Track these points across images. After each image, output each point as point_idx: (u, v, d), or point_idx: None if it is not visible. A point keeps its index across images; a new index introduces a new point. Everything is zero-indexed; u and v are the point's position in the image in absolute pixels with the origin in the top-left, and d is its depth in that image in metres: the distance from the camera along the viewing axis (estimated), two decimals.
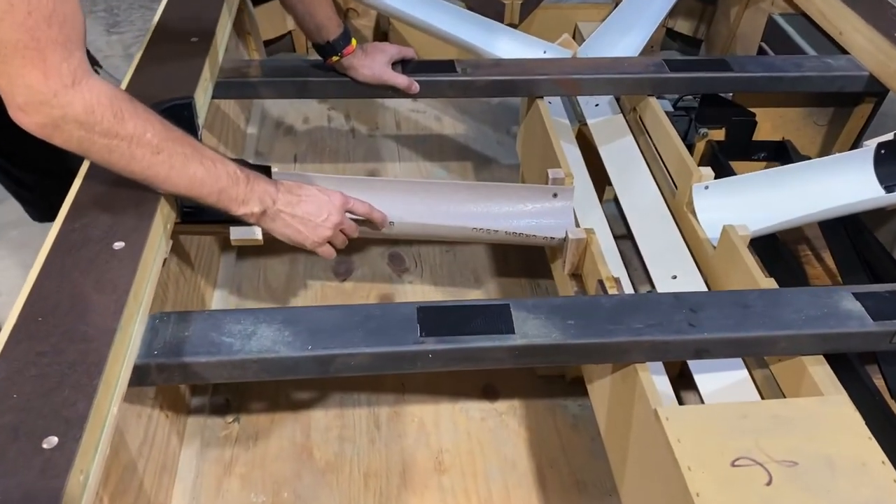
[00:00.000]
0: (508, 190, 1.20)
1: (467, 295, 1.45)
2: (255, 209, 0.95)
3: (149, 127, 0.82)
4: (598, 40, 1.60)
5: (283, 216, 0.99)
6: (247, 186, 0.93)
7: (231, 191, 0.91)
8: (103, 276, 0.83)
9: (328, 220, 1.02)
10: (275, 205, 0.97)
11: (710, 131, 1.53)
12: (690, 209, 1.25)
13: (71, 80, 0.75)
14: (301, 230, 1.00)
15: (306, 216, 1.00)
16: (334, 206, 1.03)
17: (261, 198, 0.95)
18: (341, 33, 1.27)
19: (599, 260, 1.06)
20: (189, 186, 0.88)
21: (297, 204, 0.99)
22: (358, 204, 1.07)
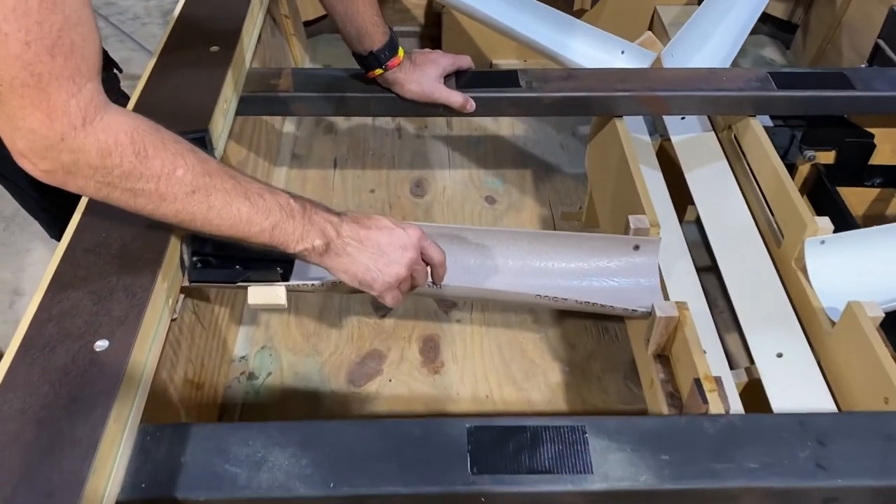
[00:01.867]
0: (578, 242, 1.00)
1: (523, 340, 1.26)
2: (318, 243, 0.79)
3: (179, 162, 0.69)
4: (685, 39, 1.36)
5: (350, 250, 0.81)
6: (303, 218, 0.78)
7: (285, 226, 0.76)
8: (80, 391, 0.67)
9: (403, 257, 0.83)
10: (340, 236, 0.80)
11: (817, 153, 1.29)
12: (800, 267, 1.03)
13: (81, 120, 0.61)
14: (371, 267, 0.82)
15: (379, 249, 0.82)
16: (411, 241, 0.84)
17: (322, 229, 0.79)
18: (386, 42, 1.07)
19: (696, 349, 0.86)
20: (234, 226, 0.73)
21: (367, 235, 0.81)
22: (433, 248, 0.87)
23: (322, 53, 1.94)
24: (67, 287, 0.76)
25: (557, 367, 1.23)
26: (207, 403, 1.09)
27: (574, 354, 1.25)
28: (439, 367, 1.23)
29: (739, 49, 1.39)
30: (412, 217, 1.49)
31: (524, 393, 1.19)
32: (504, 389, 1.19)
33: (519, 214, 1.51)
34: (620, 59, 1.39)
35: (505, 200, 1.54)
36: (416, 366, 1.23)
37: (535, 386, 1.20)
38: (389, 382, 1.20)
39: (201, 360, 1.08)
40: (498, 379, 1.21)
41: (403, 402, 1.18)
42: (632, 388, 1.20)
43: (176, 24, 1.16)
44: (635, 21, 1.80)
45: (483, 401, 1.18)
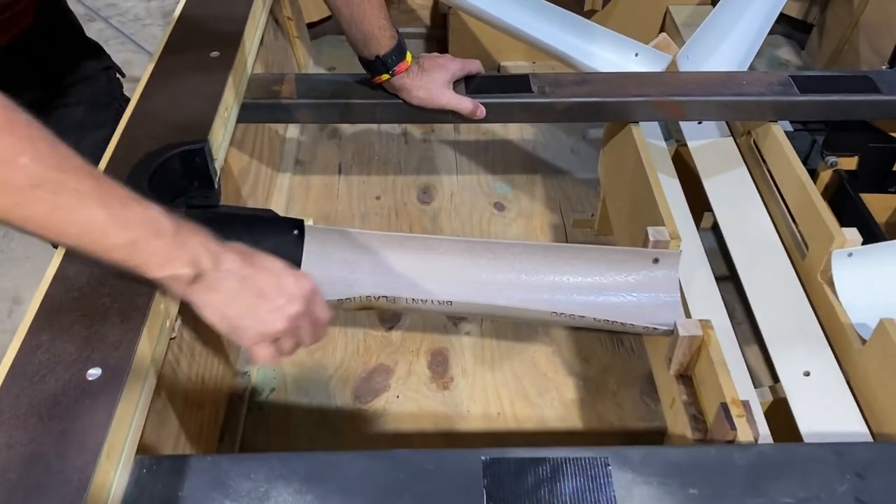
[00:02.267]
0: (595, 255, 0.95)
1: (535, 354, 1.22)
2: (185, 271, 0.64)
3: (25, 148, 0.57)
4: (701, 41, 1.31)
5: (226, 286, 0.67)
6: (173, 239, 0.64)
7: (147, 244, 0.63)
8: (71, 424, 0.63)
9: (288, 308, 0.69)
10: (217, 268, 0.66)
11: (839, 159, 1.25)
12: (827, 280, 0.99)
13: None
14: (246, 313, 0.68)
15: (261, 293, 0.68)
16: (301, 291, 0.71)
17: (195, 257, 0.65)
18: (394, 46, 1.03)
19: (721, 371, 0.81)
20: (82, 235, 0.61)
21: (251, 274, 0.68)
22: (321, 306, 0.75)
23: (326, 56, 1.89)
24: (58, 310, 0.71)
25: (571, 381, 1.19)
26: (208, 423, 1.05)
27: (588, 368, 1.20)
28: (448, 382, 1.19)
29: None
30: (419, 225, 1.45)
31: (537, 409, 1.15)
32: (516, 406, 1.15)
33: (529, 221, 1.46)
34: (634, 61, 1.34)
35: (514, 207, 1.50)
36: (425, 381, 1.19)
37: (549, 402, 1.16)
38: (397, 399, 1.16)
39: (202, 378, 1.04)
40: (510, 395, 1.17)
41: (412, 419, 1.13)
42: (649, 403, 1.16)
43: (175, 27, 1.12)
44: (647, 21, 1.75)
45: (495, 418, 1.14)
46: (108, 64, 1.08)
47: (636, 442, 1.11)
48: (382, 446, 1.10)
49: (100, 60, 1.07)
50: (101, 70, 1.06)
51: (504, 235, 1.43)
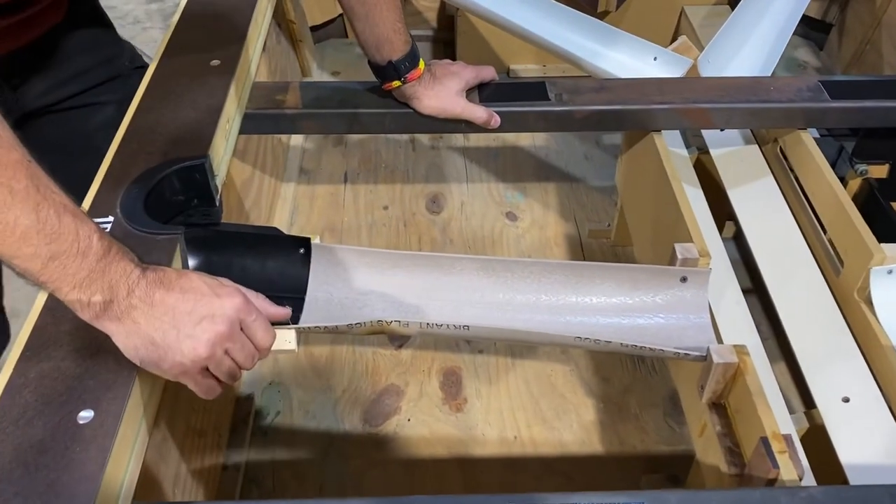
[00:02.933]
0: (619, 273, 0.89)
1: (552, 373, 1.17)
2: (96, 298, 0.59)
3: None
4: (723, 44, 1.25)
5: (136, 315, 0.60)
6: (98, 262, 0.58)
7: (68, 262, 0.57)
8: (59, 475, 0.57)
9: (206, 331, 0.62)
10: (128, 296, 0.60)
11: (869, 167, 1.19)
12: (864, 298, 0.93)
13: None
14: (158, 341, 0.61)
15: (173, 319, 0.61)
16: (223, 311, 0.63)
17: (112, 284, 0.59)
18: (408, 52, 0.97)
19: (760, 402, 0.76)
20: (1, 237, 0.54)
21: (162, 298, 0.61)
22: (260, 323, 0.67)
23: (330, 59, 1.84)
24: (48, 344, 0.66)
25: (591, 403, 1.13)
26: (211, 451, 1.00)
27: (608, 389, 1.15)
28: (462, 403, 1.13)
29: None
30: (428, 236, 1.40)
31: (555, 433, 1.09)
32: (533, 429, 1.10)
33: (542, 232, 1.41)
34: (653, 66, 1.28)
35: (527, 216, 1.44)
36: (437, 402, 1.13)
37: (567, 425, 1.10)
38: (408, 422, 1.11)
39: (203, 404, 0.99)
40: (526, 417, 1.11)
41: (424, 444, 1.08)
42: (673, 426, 1.10)
43: (173, 34, 1.07)
44: (662, 23, 1.70)
45: (511, 442, 1.08)
46: (141, 63, 1.04)
47: (660, 467, 1.05)
48: (394, 473, 1.05)
49: (133, 59, 1.03)
50: (133, 69, 1.01)
51: (517, 246, 1.38)
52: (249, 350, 0.67)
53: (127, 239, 0.77)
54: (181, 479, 0.90)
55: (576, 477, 1.04)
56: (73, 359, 0.65)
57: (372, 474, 1.05)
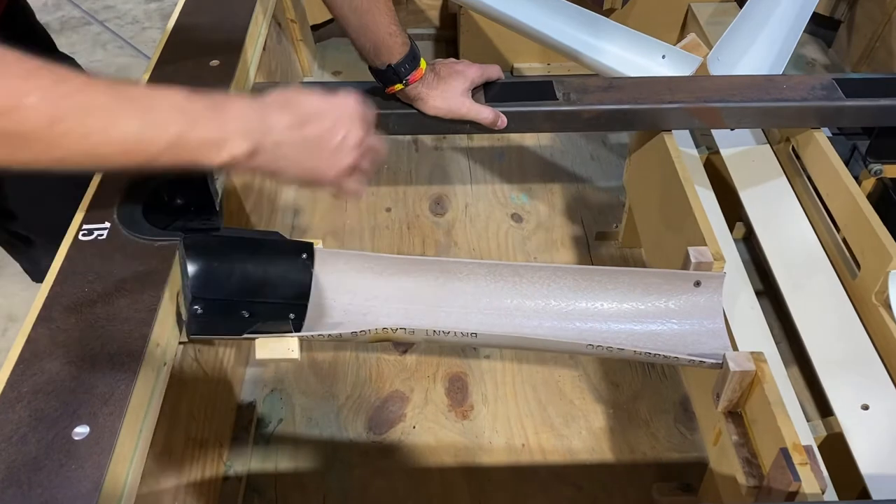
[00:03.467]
0: (631, 278, 0.87)
1: (560, 379, 1.14)
2: (242, 149, 0.61)
3: (28, 87, 0.52)
4: (733, 42, 1.23)
5: (285, 148, 0.65)
6: (215, 115, 0.60)
7: (191, 136, 0.59)
8: (54, 494, 0.55)
9: (348, 139, 0.68)
10: (270, 133, 0.63)
11: (884, 167, 1.16)
12: (883, 302, 0.91)
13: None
14: (315, 164, 0.67)
15: (318, 139, 0.66)
16: (351, 114, 0.69)
17: (246, 127, 0.62)
18: (407, 54, 0.95)
19: (779, 412, 0.73)
20: (126, 152, 0.57)
21: (301, 124, 0.65)
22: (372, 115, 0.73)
23: (331, 59, 1.81)
24: (42, 356, 0.64)
25: (600, 409, 1.11)
26: (212, 461, 0.97)
27: (618, 395, 1.13)
28: (468, 410, 1.11)
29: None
30: (432, 239, 1.37)
31: (564, 440, 1.07)
32: (541, 436, 1.08)
33: (549, 234, 1.39)
34: (661, 64, 1.26)
35: (533, 218, 1.42)
36: (443, 409, 1.11)
37: (576, 432, 1.08)
38: (413, 429, 1.08)
39: (204, 412, 0.96)
40: (534, 424, 1.09)
41: (430, 452, 1.06)
42: (684, 433, 1.08)
43: (172, 34, 1.04)
44: (668, 20, 1.68)
45: (519, 450, 1.06)
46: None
47: (672, 475, 1.03)
48: (399, 483, 1.03)
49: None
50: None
51: (522, 248, 1.36)
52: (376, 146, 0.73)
53: (125, 246, 0.74)
54: (181, 491, 0.87)
55: (586, 485, 1.02)
56: (67, 372, 0.62)
57: (376, 484, 1.02)
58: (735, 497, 0.77)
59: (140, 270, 0.72)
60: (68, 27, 2.65)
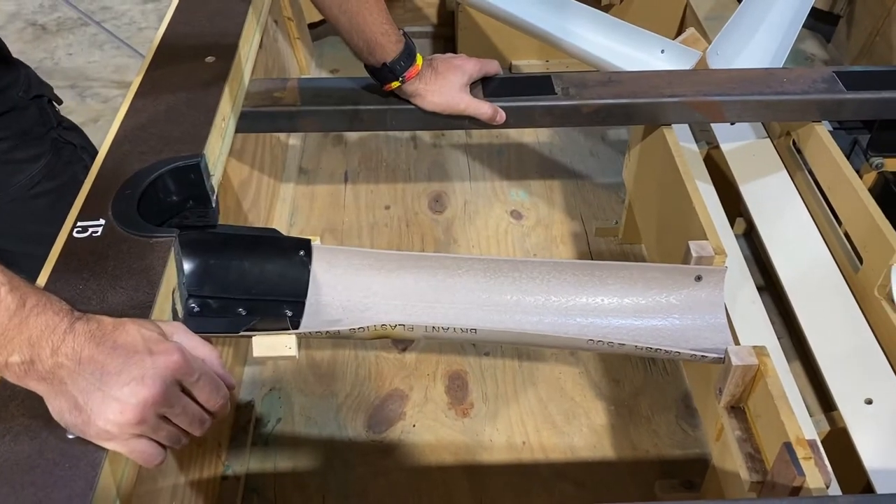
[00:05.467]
0: (631, 273, 0.86)
1: (561, 376, 1.13)
2: (14, 359, 0.53)
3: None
4: (732, 36, 1.22)
5: (61, 374, 0.54)
6: (12, 319, 0.52)
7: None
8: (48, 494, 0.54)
9: (133, 394, 0.54)
10: (54, 354, 0.53)
11: (885, 160, 1.16)
12: (885, 295, 0.90)
13: None
14: (81, 404, 0.54)
15: (100, 379, 0.54)
16: (157, 370, 0.55)
17: (33, 340, 0.53)
18: (402, 51, 0.94)
19: (783, 406, 0.72)
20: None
21: (91, 356, 0.54)
22: (206, 384, 0.59)
23: (329, 57, 1.81)
24: None
25: (601, 406, 1.10)
26: (210, 461, 0.97)
27: (619, 391, 1.12)
28: (468, 408, 1.10)
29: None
30: (431, 236, 1.36)
31: (565, 438, 1.06)
32: (542, 434, 1.07)
33: (548, 230, 1.38)
34: (660, 59, 1.25)
35: (532, 215, 1.41)
36: (443, 407, 1.10)
37: (577, 429, 1.07)
38: (413, 428, 1.07)
39: None
40: (535, 422, 1.08)
41: (430, 450, 1.05)
42: (686, 429, 1.07)
43: (167, 31, 1.04)
44: (667, 15, 1.67)
45: (520, 448, 1.05)
46: (39, 92, 0.97)
47: (675, 472, 1.02)
48: (399, 482, 1.02)
49: (29, 88, 0.96)
50: (29, 100, 0.95)
51: (522, 245, 1.35)
52: (194, 413, 0.59)
53: (120, 243, 0.74)
54: (179, 491, 0.87)
55: (587, 483, 1.01)
56: None
57: (376, 483, 1.01)
58: (738, 493, 0.76)
59: (135, 267, 0.71)
60: (65, 28, 2.64)
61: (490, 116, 1.00)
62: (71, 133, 1.01)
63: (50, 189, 0.97)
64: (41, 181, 0.96)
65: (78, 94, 2.28)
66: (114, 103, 2.24)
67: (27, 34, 2.57)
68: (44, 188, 0.96)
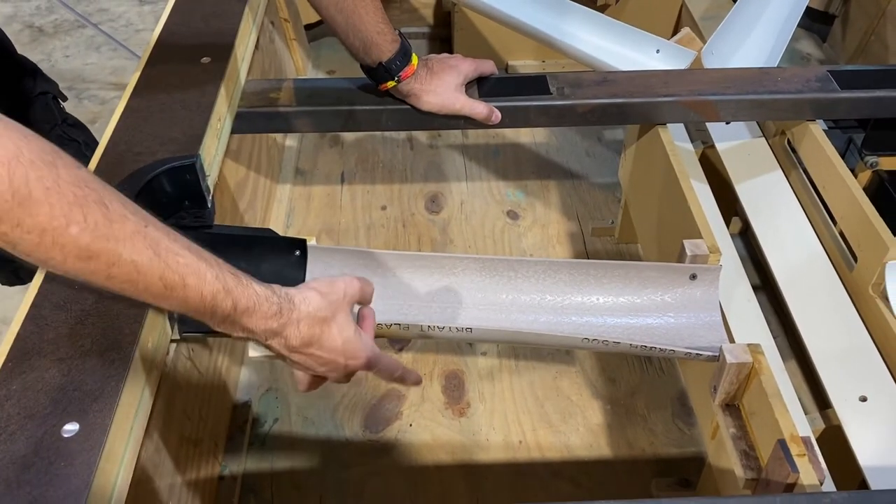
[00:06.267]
0: (626, 272, 0.87)
1: (557, 375, 1.14)
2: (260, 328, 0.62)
3: (76, 217, 0.49)
4: (727, 35, 1.22)
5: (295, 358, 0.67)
6: (228, 318, 0.60)
7: (205, 318, 0.59)
8: (43, 492, 0.54)
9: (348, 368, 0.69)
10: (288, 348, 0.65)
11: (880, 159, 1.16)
12: (880, 293, 0.90)
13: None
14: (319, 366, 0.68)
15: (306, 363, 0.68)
16: (346, 371, 0.70)
17: (253, 335, 0.63)
18: (397, 50, 0.94)
19: (777, 403, 0.73)
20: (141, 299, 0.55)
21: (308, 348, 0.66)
22: (387, 360, 0.73)
23: (325, 59, 1.81)
24: (31, 354, 0.63)
25: (597, 405, 1.10)
26: (207, 461, 0.97)
27: (615, 390, 1.12)
28: (465, 408, 1.10)
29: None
30: (428, 237, 1.36)
31: (562, 437, 1.06)
32: (539, 433, 1.07)
33: (545, 230, 1.38)
34: (655, 58, 1.25)
35: (528, 215, 1.41)
36: (440, 407, 1.10)
37: (574, 428, 1.07)
38: (410, 427, 1.08)
39: (199, 412, 0.96)
40: (531, 421, 1.08)
41: (427, 450, 1.05)
42: (682, 428, 1.07)
43: (163, 32, 1.04)
44: (662, 16, 1.67)
45: (516, 447, 1.05)
46: (44, 89, 0.97)
47: (671, 471, 1.02)
48: (396, 481, 1.02)
49: (34, 85, 0.96)
50: (34, 96, 0.95)
51: (518, 245, 1.35)
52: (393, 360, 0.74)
53: None
54: (176, 491, 0.87)
55: (584, 482, 1.01)
56: (57, 369, 0.62)
57: (373, 482, 1.02)
58: (733, 490, 0.77)
59: None
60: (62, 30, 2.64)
61: (485, 116, 1.00)
62: (75, 130, 1.01)
63: None
64: None
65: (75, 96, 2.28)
66: (111, 105, 2.24)
67: (24, 36, 2.57)
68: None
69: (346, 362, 0.68)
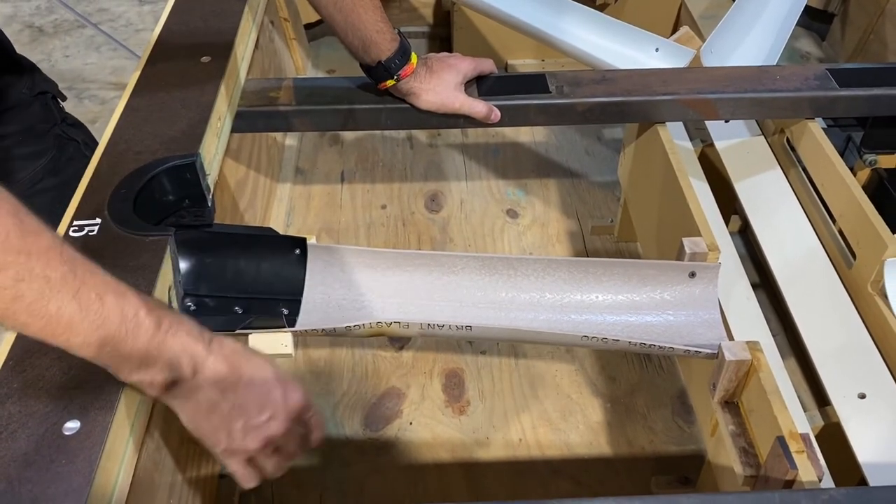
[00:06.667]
0: (625, 270, 0.87)
1: (557, 373, 1.14)
2: (159, 378, 0.58)
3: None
4: (726, 34, 1.23)
5: (203, 396, 0.60)
6: (151, 341, 0.56)
7: (121, 346, 0.55)
8: (44, 490, 0.54)
9: (265, 428, 0.63)
10: (196, 375, 0.59)
11: (879, 157, 1.16)
12: (878, 291, 0.91)
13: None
14: (219, 426, 0.62)
15: (240, 408, 0.62)
16: (286, 408, 0.65)
17: (174, 361, 0.58)
18: (396, 49, 0.94)
19: (776, 400, 0.73)
20: (45, 329, 0.52)
21: (232, 385, 0.61)
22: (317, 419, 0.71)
23: (325, 58, 1.81)
24: (32, 352, 0.63)
25: (597, 403, 1.10)
26: (207, 458, 0.97)
27: (615, 388, 1.12)
28: (465, 406, 1.10)
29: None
30: (428, 235, 1.37)
31: (561, 434, 1.06)
32: (539, 431, 1.07)
33: (544, 229, 1.38)
34: (654, 57, 1.25)
35: (528, 214, 1.41)
36: (440, 405, 1.10)
37: (574, 426, 1.08)
38: (410, 426, 1.08)
39: None
40: (531, 419, 1.08)
41: (427, 448, 1.05)
42: (682, 426, 1.07)
43: (163, 31, 1.04)
44: (661, 14, 1.67)
45: (516, 445, 1.05)
46: (44, 88, 0.97)
47: (671, 469, 1.02)
48: (396, 479, 1.02)
49: (33, 85, 0.96)
50: (33, 96, 0.95)
51: (518, 244, 1.35)
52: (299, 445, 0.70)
53: (116, 242, 0.74)
54: (177, 489, 0.87)
55: (584, 480, 1.01)
56: (58, 368, 0.62)
57: (374, 481, 1.02)
58: (732, 487, 0.77)
59: (131, 266, 0.71)
60: (62, 30, 2.65)
61: (485, 115, 1.00)
62: (74, 130, 1.01)
63: (53, 185, 0.97)
64: (44, 177, 0.96)
65: (75, 96, 2.29)
66: (111, 105, 2.24)
67: (24, 36, 2.57)
68: (47, 184, 0.97)
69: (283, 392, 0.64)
